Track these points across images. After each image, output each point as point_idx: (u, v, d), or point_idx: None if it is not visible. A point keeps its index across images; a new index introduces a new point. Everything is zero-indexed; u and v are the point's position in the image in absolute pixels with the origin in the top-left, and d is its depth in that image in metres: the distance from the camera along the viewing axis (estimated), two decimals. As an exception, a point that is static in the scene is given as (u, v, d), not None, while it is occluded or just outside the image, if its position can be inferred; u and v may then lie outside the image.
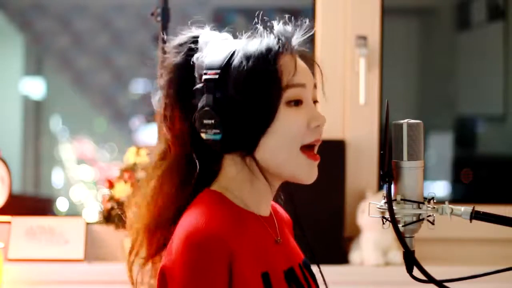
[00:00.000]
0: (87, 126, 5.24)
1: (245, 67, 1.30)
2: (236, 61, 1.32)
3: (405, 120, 1.32)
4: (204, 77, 1.33)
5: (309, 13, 2.78)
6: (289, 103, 1.33)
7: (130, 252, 1.39)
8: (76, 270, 2.45)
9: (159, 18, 2.19)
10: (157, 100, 1.41)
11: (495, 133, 3.92)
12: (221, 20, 4.75)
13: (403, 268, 1.33)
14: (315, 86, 1.40)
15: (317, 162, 1.37)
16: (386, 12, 2.72)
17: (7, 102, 5.00)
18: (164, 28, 2.17)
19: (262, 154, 1.33)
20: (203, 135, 1.34)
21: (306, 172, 1.36)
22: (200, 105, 1.33)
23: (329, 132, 2.64)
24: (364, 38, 2.64)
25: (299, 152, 1.34)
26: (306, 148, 1.35)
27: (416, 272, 1.31)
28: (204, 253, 1.25)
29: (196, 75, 1.35)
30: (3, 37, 5.13)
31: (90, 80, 5.10)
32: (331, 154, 2.58)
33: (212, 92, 1.32)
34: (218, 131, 1.31)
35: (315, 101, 1.39)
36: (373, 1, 2.67)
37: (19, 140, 5.05)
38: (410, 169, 1.31)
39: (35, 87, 5.21)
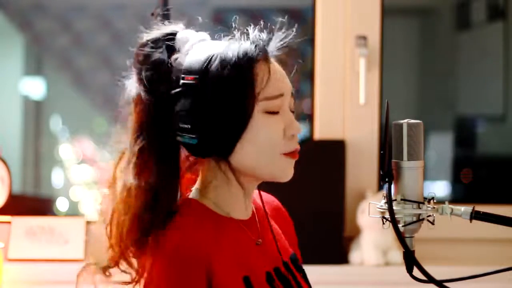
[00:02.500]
0: (87, 126, 5.24)
1: (221, 75, 1.31)
2: (213, 67, 1.32)
3: (405, 120, 1.32)
4: (182, 81, 1.33)
5: (309, 13, 2.79)
6: (266, 111, 1.33)
7: (113, 260, 1.38)
8: (76, 270, 2.45)
9: (159, 18, 2.19)
10: (125, 97, 1.39)
11: (495, 133, 3.92)
12: (221, 20, 4.76)
13: (403, 268, 1.33)
14: (292, 95, 1.39)
15: (294, 160, 1.37)
16: (386, 12, 2.72)
17: (7, 102, 5.00)
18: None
19: (238, 158, 1.34)
20: (179, 139, 1.34)
21: (285, 171, 1.36)
22: (177, 109, 1.33)
23: (329, 132, 2.65)
24: (364, 38, 2.64)
25: (281, 156, 1.35)
26: (286, 154, 1.36)
27: (416, 272, 1.31)
28: (181, 263, 1.26)
29: (174, 77, 1.35)
30: (3, 37, 5.13)
31: (90, 80, 5.10)
32: (331, 154, 2.58)
33: (189, 97, 1.32)
34: (194, 136, 1.32)
35: (291, 111, 1.38)
36: (373, 1, 2.67)
37: (19, 140, 5.05)
38: (410, 169, 1.31)
39: (35, 87, 5.20)
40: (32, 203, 3.95)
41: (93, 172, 5.08)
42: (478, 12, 3.86)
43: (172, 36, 1.40)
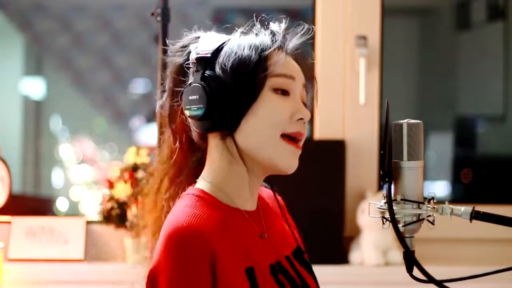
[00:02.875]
0: (87, 126, 5.25)
1: (236, 52, 1.34)
2: (228, 46, 1.36)
3: (405, 120, 1.32)
4: (195, 56, 1.36)
5: (309, 13, 2.79)
6: (275, 90, 1.35)
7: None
8: (76, 270, 2.45)
9: (159, 18, 2.19)
10: (161, 103, 1.44)
11: (495, 133, 3.92)
12: (221, 20, 4.75)
13: (403, 268, 1.33)
14: (304, 87, 1.40)
15: (298, 151, 1.37)
16: (386, 12, 2.72)
17: (7, 102, 5.00)
18: (164, 28, 2.17)
19: (242, 135, 1.35)
20: (187, 112, 1.37)
21: (286, 159, 1.36)
22: (188, 82, 1.37)
23: (329, 132, 2.65)
24: (364, 38, 2.64)
25: (279, 138, 1.35)
26: (288, 137, 1.36)
27: (416, 272, 1.31)
28: (186, 251, 1.27)
29: (191, 62, 1.39)
30: (3, 37, 5.13)
31: (90, 80, 5.10)
32: (331, 154, 2.58)
33: (202, 70, 1.35)
34: (201, 105, 1.34)
35: (303, 102, 1.40)
36: (373, 1, 2.67)
37: (19, 140, 5.05)
38: (410, 169, 1.31)
39: (35, 87, 5.21)
40: (32, 203, 3.95)
41: (93, 172, 5.08)
42: (478, 12, 3.86)
43: (198, 39, 1.43)
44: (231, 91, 1.33)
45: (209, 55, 1.35)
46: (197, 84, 1.34)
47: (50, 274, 2.43)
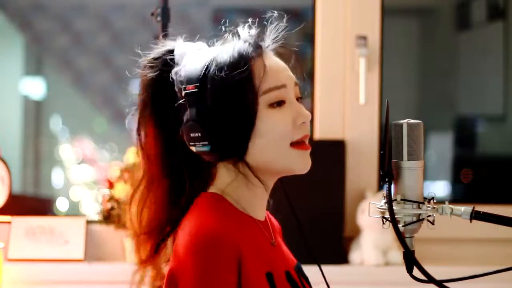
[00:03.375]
0: (87, 126, 5.24)
1: (219, 77, 1.32)
2: (211, 72, 1.34)
3: (405, 120, 1.32)
4: (184, 92, 1.35)
5: (309, 13, 2.79)
6: (271, 105, 1.35)
7: (141, 260, 1.43)
8: (76, 270, 2.45)
9: (159, 18, 2.19)
10: (131, 115, 1.43)
11: (495, 133, 3.92)
12: (221, 20, 4.75)
13: (403, 268, 1.33)
14: (296, 84, 1.40)
15: (308, 151, 1.38)
16: (386, 12, 2.72)
17: (7, 102, 5.00)
18: (164, 28, 2.17)
19: (253, 156, 1.35)
20: (192, 148, 1.36)
21: (300, 163, 1.37)
22: (184, 119, 1.35)
23: (329, 132, 2.65)
24: (364, 38, 2.64)
25: (289, 148, 1.35)
26: (296, 143, 1.36)
27: (416, 272, 1.31)
28: (213, 253, 1.26)
29: (176, 89, 1.37)
30: (3, 37, 5.12)
31: (90, 80, 5.10)
32: (331, 154, 2.58)
33: (194, 106, 1.33)
34: (206, 142, 1.33)
35: (299, 98, 1.40)
36: (373, 1, 2.67)
37: (19, 140, 5.05)
38: (410, 169, 1.31)
39: (35, 87, 5.20)
40: (32, 203, 3.95)
41: (93, 172, 5.08)
42: (478, 12, 3.86)
43: (171, 53, 1.42)
44: (229, 120, 1.32)
45: (196, 90, 1.33)
46: (195, 122, 1.33)
47: (50, 274, 2.43)
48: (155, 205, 1.39)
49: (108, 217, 2.46)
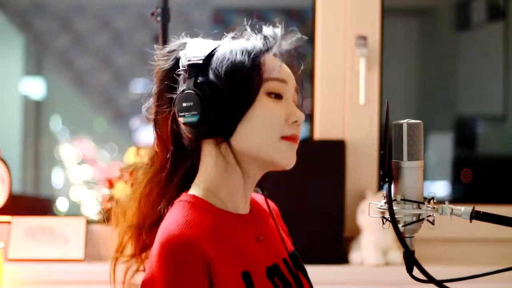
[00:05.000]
0: (87, 126, 5.24)
1: (228, 58, 1.34)
2: (220, 51, 1.35)
3: (405, 120, 1.32)
4: (187, 63, 1.36)
5: (309, 13, 2.79)
6: (269, 94, 1.36)
7: (117, 250, 1.46)
8: (76, 270, 2.45)
9: (159, 18, 2.19)
10: (148, 107, 1.43)
11: (495, 133, 3.92)
12: (221, 20, 4.75)
13: (403, 268, 1.33)
14: (296, 91, 1.41)
15: (296, 145, 1.38)
16: (386, 12, 2.72)
17: (7, 102, 5.00)
18: (164, 28, 2.17)
19: (239, 140, 1.35)
20: (181, 119, 1.36)
21: (285, 157, 1.37)
22: (181, 89, 1.36)
23: (329, 132, 2.65)
24: (364, 38, 2.64)
25: (278, 139, 1.36)
26: (285, 137, 1.37)
27: (416, 272, 1.31)
28: (180, 260, 1.27)
29: (180, 66, 1.38)
30: (3, 37, 5.13)
31: (90, 80, 5.10)
32: (331, 154, 2.58)
33: (194, 76, 1.34)
34: (195, 112, 1.33)
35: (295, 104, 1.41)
36: (373, 1, 2.67)
37: (19, 140, 5.05)
38: (410, 169, 1.31)
39: (35, 87, 5.20)
40: (32, 203, 3.95)
41: (93, 172, 5.08)
42: (478, 12, 3.86)
43: (184, 47, 1.43)
44: (226, 97, 1.33)
45: (201, 62, 1.35)
46: (191, 91, 1.33)
47: (50, 274, 2.43)
48: (155, 196, 1.41)
49: (108, 217, 2.45)
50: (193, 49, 1.38)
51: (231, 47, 1.36)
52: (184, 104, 1.34)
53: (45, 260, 2.48)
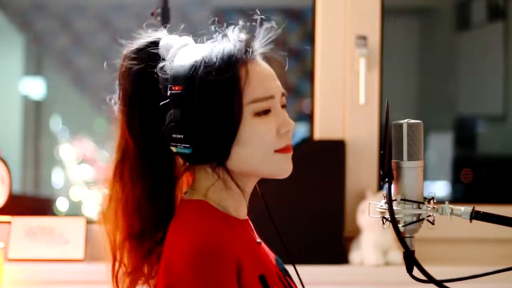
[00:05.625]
0: (87, 126, 5.24)
1: (207, 81, 1.30)
2: (198, 74, 1.31)
3: (405, 120, 1.32)
4: (170, 92, 1.32)
5: (309, 13, 2.79)
6: (257, 114, 1.33)
7: (113, 264, 1.41)
8: (76, 270, 2.45)
9: (159, 18, 2.19)
10: (115, 104, 1.42)
11: (495, 133, 3.92)
12: (221, 20, 4.74)
13: (403, 268, 1.33)
14: (283, 94, 1.38)
15: (290, 154, 1.37)
16: (386, 12, 2.72)
17: (7, 102, 5.00)
18: (164, 28, 2.16)
19: (235, 163, 1.33)
20: (173, 149, 1.34)
21: (282, 168, 1.36)
22: (168, 119, 1.32)
23: (329, 132, 2.65)
24: (364, 38, 2.64)
25: (273, 154, 1.34)
26: (279, 150, 1.35)
27: (416, 272, 1.31)
28: (213, 264, 1.24)
29: (161, 86, 1.34)
30: (3, 37, 5.12)
31: (90, 80, 5.10)
32: (331, 154, 2.58)
33: (178, 107, 1.31)
34: (188, 145, 1.32)
35: (283, 106, 1.38)
36: (373, 1, 2.67)
37: (19, 140, 5.05)
38: (410, 169, 1.31)
39: (35, 87, 5.20)
40: (32, 203, 3.95)
41: (93, 172, 5.08)
42: (478, 12, 3.86)
43: (155, 45, 1.40)
44: (213, 125, 1.30)
45: (183, 92, 1.31)
46: (178, 123, 1.31)
47: (50, 274, 2.43)
48: (132, 208, 1.36)
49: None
50: (171, 67, 1.34)
51: (208, 65, 1.31)
52: (174, 136, 1.32)
53: (45, 260, 2.48)
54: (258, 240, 1.41)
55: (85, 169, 5.09)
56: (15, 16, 5.07)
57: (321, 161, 2.55)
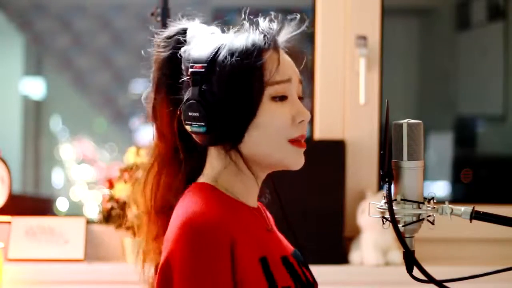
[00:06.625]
0: (87, 126, 5.25)
1: (230, 62, 1.33)
2: (221, 55, 1.34)
3: (405, 120, 1.32)
4: (190, 70, 1.35)
5: (309, 13, 2.79)
6: (273, 98, 1.35)
7: (139, 235, 1.44)
8: (76, 270, 2.45)
9: (159, 18, 2.19)
10: (146, 96, 1.43)
11: (495, 133, 3.92)
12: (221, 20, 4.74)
13: (403, 268, 1.33)
14: (300, 82, 1.40)
15: (303, 149, 1.38)
16: (386, 12, 2.72)
17: (7, 102, 5.00)
18: (164, 28, 2.17)
19: (248, 146, 1.35)
20: (188, 128, 1.36)
21: (294, 159, 1.38)
22: (186, 97, 1.35)
23: (329, 132, 2.65)
24: (364, 38, 2.64)
25: (286, 142, 1.36)
26: (293, 140, 1.37)
27: (416, 272, 1.31)
28: (206, 240, 1.26)
29: (183, 67, 1.37)
30: (3, 37, 5.13)
31: (90, 80, 5.10)
32: (331, 154, 2.58)
33: (198, 85, 1.34)
34: (203, 123, 1.33)
35: (300, 98, 1.40)
36: (373, 1, 2.67)
37: (19, 140, 5.05)
38: (410, 169, 1.31)
39: (35, 87, 5.21)
40: (32, 203, 3.95)
41: (93, 172, 5.08)
42: (478, 12, 3.86)
43: (184, 32, 1.42)
44: (231, 106, 1.33)
45: (203, 70, 1.34)
46: (196, 101, 1.33)
47: (50, 274, 2.43)
48: (165, 185, 1.40)
49: (108, 217, 2.45)
50: (195, 49, 1.37)
51: (233, 49, 1.34)
52: (190, 114, 1.34)
53: (45, 260, 2.48)
54: (269, 228, 1.42)
55: (85, 169, 5.10)
56: (15, 16, 5.07)
57: (321, 161, 2.55)
